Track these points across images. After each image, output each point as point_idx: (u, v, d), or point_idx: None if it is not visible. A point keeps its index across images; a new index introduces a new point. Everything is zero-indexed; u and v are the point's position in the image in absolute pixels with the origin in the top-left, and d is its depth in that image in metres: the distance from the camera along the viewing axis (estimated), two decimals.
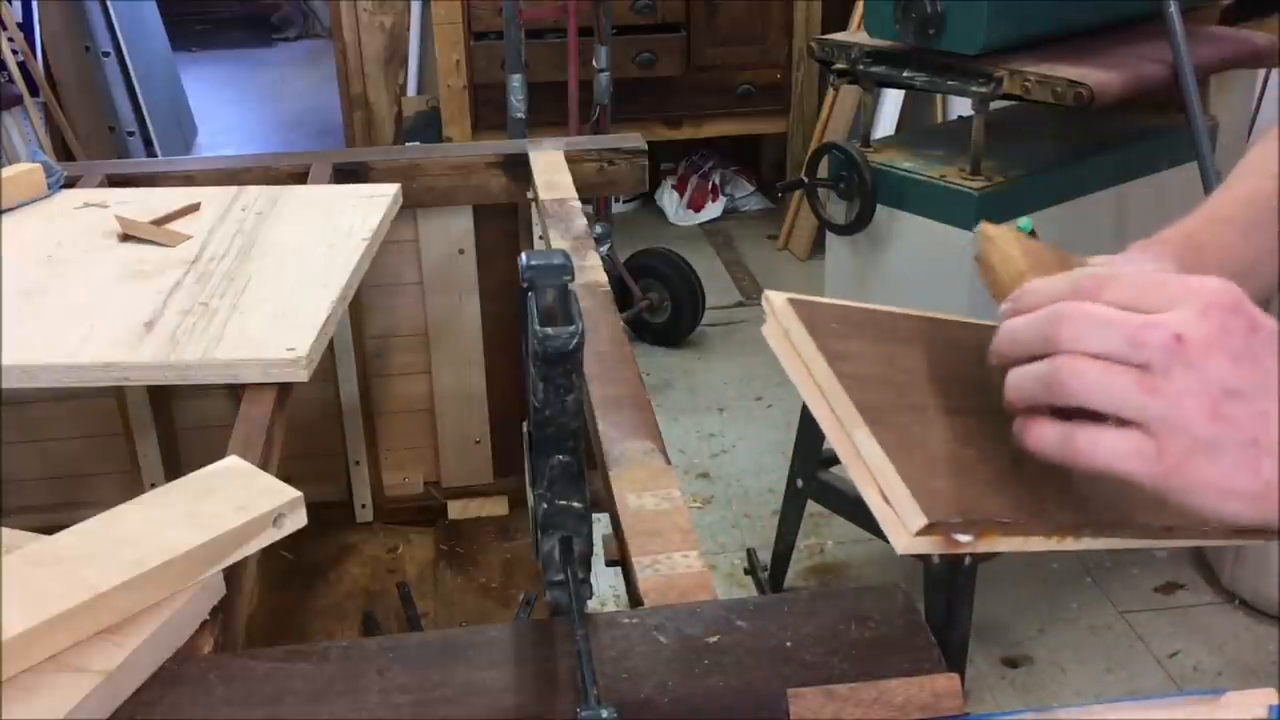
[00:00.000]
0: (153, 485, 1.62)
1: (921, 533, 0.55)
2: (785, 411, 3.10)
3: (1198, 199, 2.16)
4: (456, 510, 1.85)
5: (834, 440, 0.61)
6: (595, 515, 0.72)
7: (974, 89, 1.94)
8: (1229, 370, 0.53)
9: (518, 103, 3.10)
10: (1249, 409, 0.53)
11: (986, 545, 0.57)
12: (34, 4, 3.79)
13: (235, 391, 1.04)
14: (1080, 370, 0.54)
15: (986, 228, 0.68)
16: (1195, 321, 0.53)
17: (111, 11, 4.18)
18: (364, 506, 1.83)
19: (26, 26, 3.77)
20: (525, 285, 0.64)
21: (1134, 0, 2.16)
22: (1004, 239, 0.67)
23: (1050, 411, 0.56)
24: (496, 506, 1.85)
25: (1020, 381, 0.57)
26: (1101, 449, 0.54)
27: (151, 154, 4.41)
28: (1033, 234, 0.70)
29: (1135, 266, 0.72)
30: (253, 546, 0.75)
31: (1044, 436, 0.56)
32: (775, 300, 0.67)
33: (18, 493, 1.62)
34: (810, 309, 0.65)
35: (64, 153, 3.80)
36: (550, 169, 1.57)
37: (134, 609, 0.68)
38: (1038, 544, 0.58)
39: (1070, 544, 0.60)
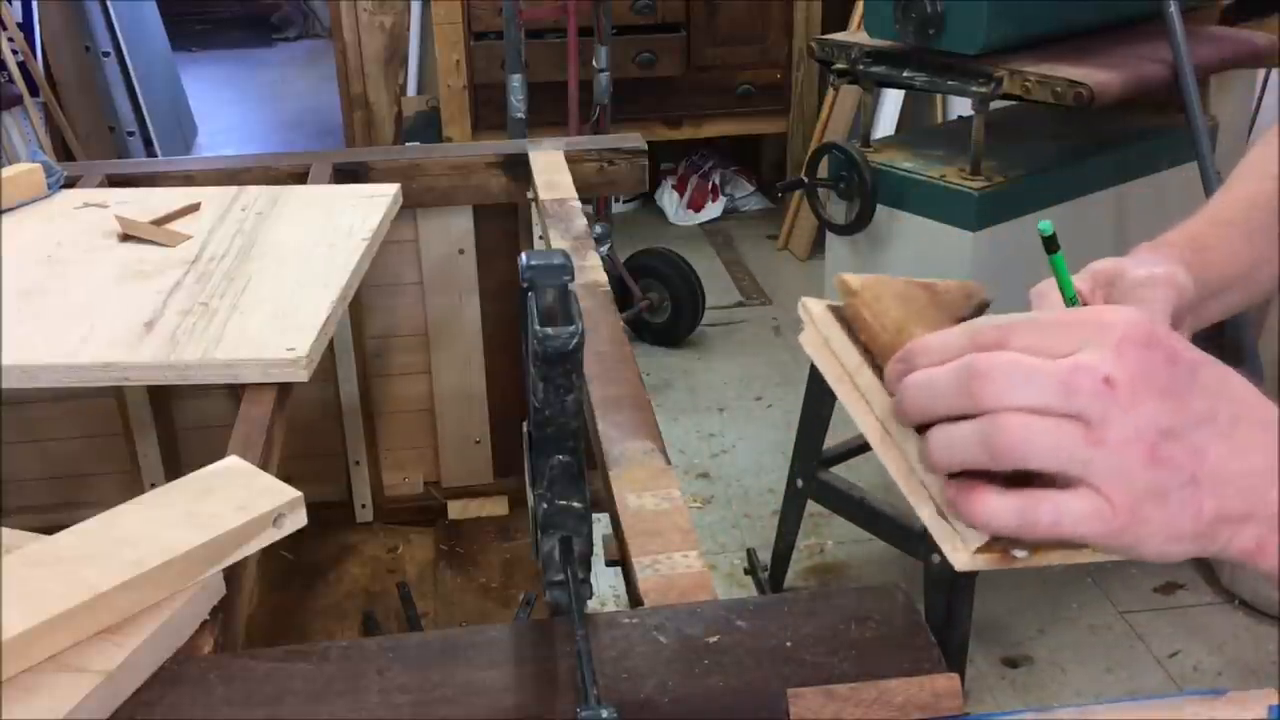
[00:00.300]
0: (153, 485, 1.62)
1: (980, 550, 0.53)
2: (785, 411, 3.10)
3: (1198, 199, 2.17)
4: (456, 510, 1.85)
5: (881, 453, 0.58)
6: (595, 515, 0.72)
7: (974, 89, 1.94)
8: (1159, 409, 0.50)
9: (518, 103, 3.10)
10: (1184, 446, 0.50)
11: (1040, 560, 0.54)
12: (34, 4, 3.79)
13: (235, 391, 1.04)
14: (1020, 429, 0.50)
15: (846, 279, 0.61)
16: (1115, 361, 0.50)
17: (111, 11, 4.18)
18: (364, 506, 1.83)
19: (26, 26, 3.77)
20: (525, 285, 0.64)
21: (1134, 0, 2.16)
22: (871, 289, 0.60)
23: (983, 475, 0.52)
24: (496, 506, 1.85)
25: (949, 444, 0.52)
26: (1065, 518, 0.50)
27: (151, 154, 4.41)
28: (1053, 236, 0.67)
29: (1146, 270, 0.71)
30: (253, 546, 0.75)
31: (996, 511, 0.51)
32: (814, 308, 0.63)
33: (18, 493, 1.62)
34: (857, 305, 0.60)
35: (64, 153, 3.80)
36: (550, 169, 1.57)
37: (134, 609, 0.68)
38: (1087, 555, 0.55)
39: (1118, 555, 0.58)
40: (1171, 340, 0.51)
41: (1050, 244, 0.67)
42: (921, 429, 0.54)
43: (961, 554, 0.53)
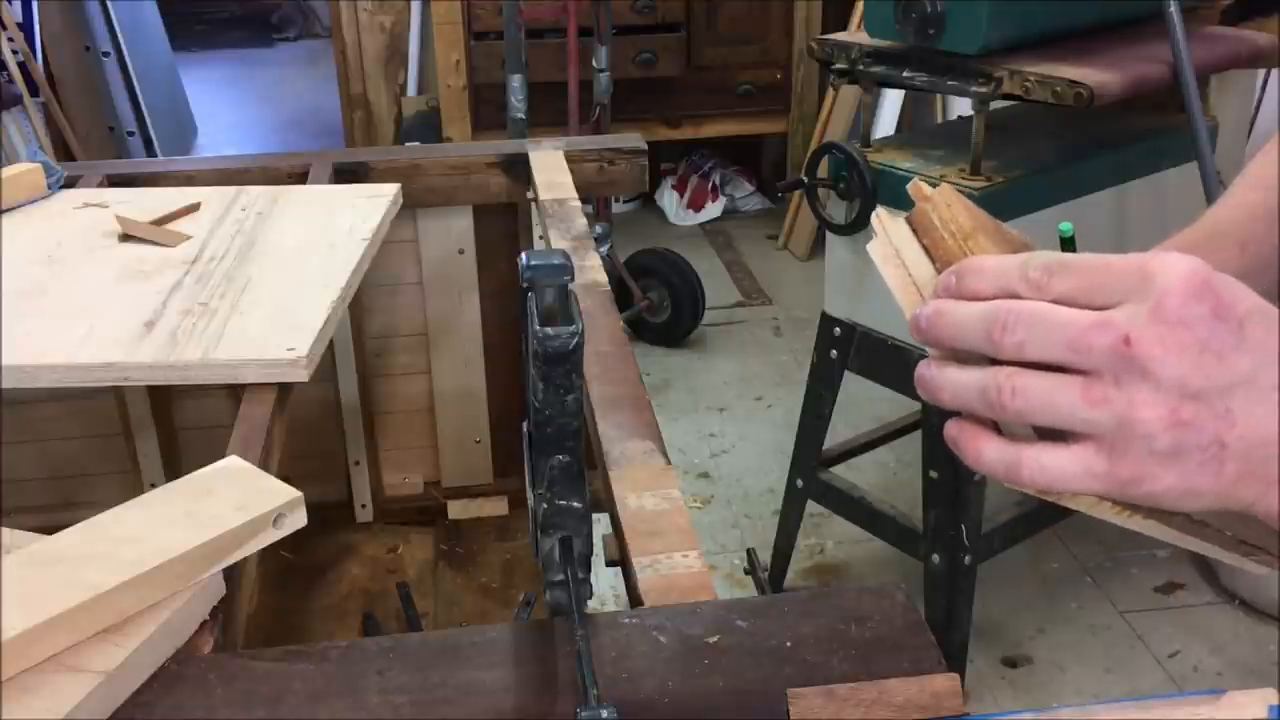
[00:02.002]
0: (153, 485, 1.62)
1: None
2: (785, 411, 3.10)
3: (1198, 199, 2.17)
4: (456, 510, 1.85)
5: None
6: (595, 515, 0.72)
7: (974, 89, 1.94)
8: (1188, 369, 0.49)
9: (518, 103, 3.10)
10: (1211, 409, 0.49)
11: (1070, 501, 0.54)
12: (34, 4, 3.79)
13: (235, 391, 1.04)
14: (1021, 388, 0.50)
15: (921, 185, 0.61)
16: (1148, 317, 0.49)
17: (111, 11, 4.18)
18: (364, 506, 1.83)
19: (26, 26, 3.77)
20: (525, 285, 0.64)
21: (1134, 0, 2.16)
22: (944, 196, 0.61)
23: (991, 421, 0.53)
24: (496, 506, 1.85)
25: (957, 387, 0.53)
26: (1048, 474, 0.51)
27: (151, 154, 4.40)
28: (1072, 238, 0.66)
29: None
30: (253, 546, 0.75)
31: (985, 455, 0.53)
32: (887, 218, 0.62)
33: (18, 493, 1.62)
34: (933, 216, 0.60)
35: (64, 153, 3.80)
36: (550, 169, 1.57)
37: (134, 609, 0.68)
38: (1105, 511, 0.55)
39: (1133, 522, 0.56)
40: (1226, 291, 0.50)
41: (1068, 246, 0.66)
42: None
43: None
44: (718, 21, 4.04)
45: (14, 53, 3.61)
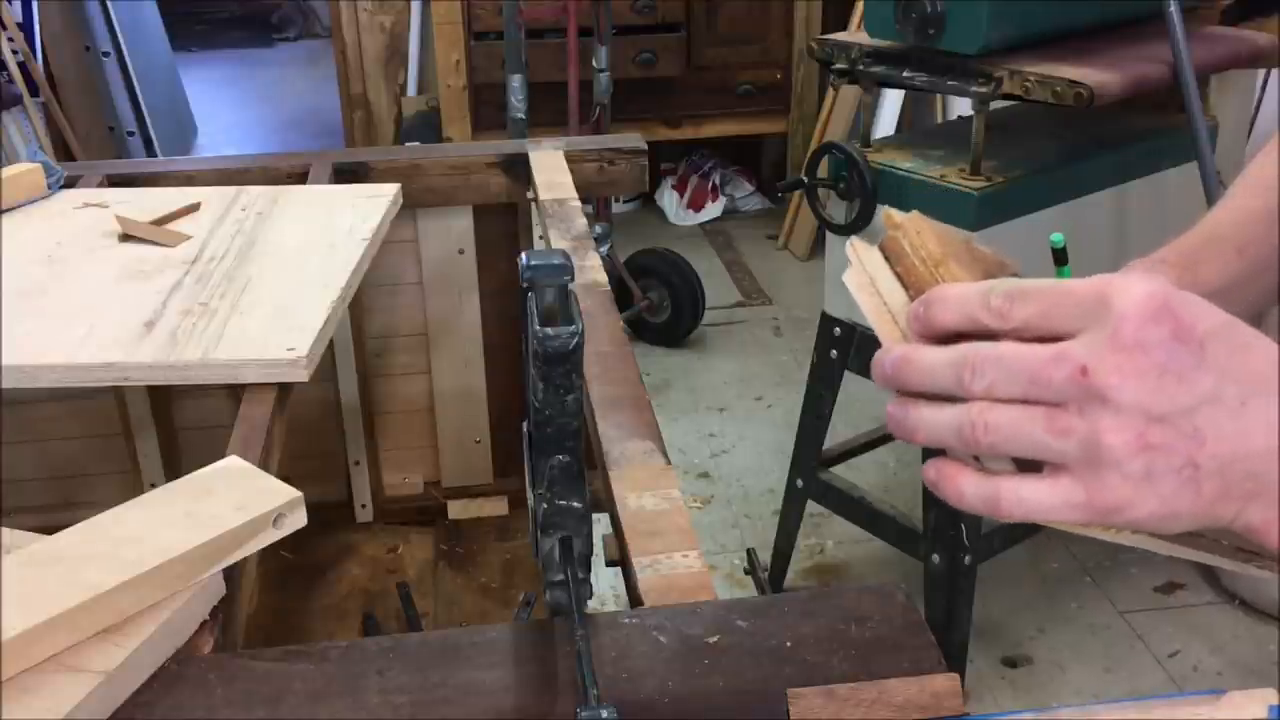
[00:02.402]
0: (153, 485, 1.62)
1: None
2: (785, 411, 3.10)
3: (1198, 199, 2.16)
4: (456, 510, 1.85)
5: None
6: (595, 515, 0.72)
7: (974, 89, 1.94)
8: (1149, 394, 0.49)
9: (518, 103, 3.10)
10: (1179, 430, 0.49)
11: (1057, 524, 0.55)
12: (34, 4, 3.79)
13: (235, 391, 1.04)
14: (991, 423, 0.51)
15: (891, 212, 0.63)
16: (1106, 344, 0.49)
17: (111, 11, 4.18)
18: (364, 506, 1.83)
19: (26, 26, 3.76)
20: (525, 285, 0.64)
21: (1134, 0, 2.16)
22: (914, 223, 0.62)
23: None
24: (496, 506, 1.85)
25: (930, 427, 0.54)
26: (1027, 506, 0.52)
27: (151, 154, 4.40)
28: (1064, 249, 0.66)
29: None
30: (253, 546, 0.75)
31: (965, 492, 0.54)
32: (861, 247, 0.63)
33: (18, 493, 1.62)
34: (906, 244, 0.61)
35: (64, 153, 3.80)
36: (550, 169, 1.57)
37: (134, 609, 0.68)
38: (1095, 530, 0.55)
39: (1123, 537, 0.56)
40: (1185, 311, 0.50)
41: (1060, 256, 0.66)
42: None
43: None
44: (718, 21, 4.04)
45: (14, 53, 3.60)
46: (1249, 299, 0.78)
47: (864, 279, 0.62)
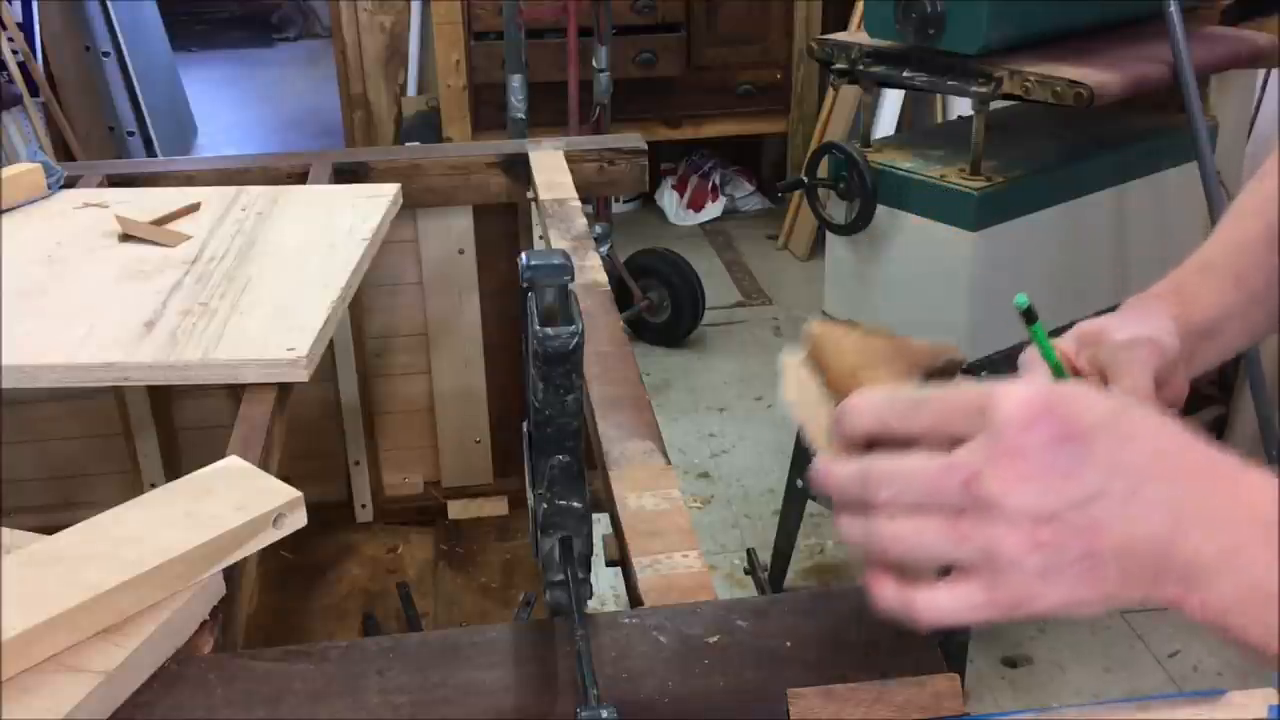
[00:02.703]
0: (153, 485, 1.62)
1: None
2: (785, 411, 3.09)
3: (1198, 199, 2.16)
4: (456, 510, 1.85)
5: None
6: (595, 515, 0.72)
7: (974, 89, 1.94)
8: (1034, 496, 0.51)
9: (518, 103, 3.10)
10: (1071, 526, 0.51)
11: None
12: (34, 4, 3.79)
13: (235, 391, 1.04)
14: (895, 536, 0.54)
15: (810, 327, 0.66)
16: (989, 452, 0.52)
17: (111, 11, 4.18)
18: (364, 506, 1.83)
19: (26, 26, 3.76)
20: (525, 285, 0.64)
21: (1134, 0, 2.16)
22: (830, 335, 0.65)
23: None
24: (496, 506, 1.85)
25: (849, 535, 0.57)
26: (941, 611, 0.54)
27: (151, 154, 4.40)
28: (1030, 309, 0.68)
29: (1128, 332, 0.72)
30: (252, 546, 0.75)
31: (886, 600, 0.56)
32: (789, 362, 0.67)
33: (18, 493, 1.62)
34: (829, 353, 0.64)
35: (64, 153, 3.80)
36: (550, 169, 1.57)
37: (134, 609, 0.68)
38: None
39: None
40: (1067, 409, 0.52)
41: (1029, 316, 0.69)
42: None
43: None
44: (718, 21, 4.04)
45: (14, 53, 3.60)
46: (1248, 328, 0.79)
47: (795, 393, 0.66)
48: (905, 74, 2.07)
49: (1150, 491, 0.51)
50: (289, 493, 0.78)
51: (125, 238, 1.29)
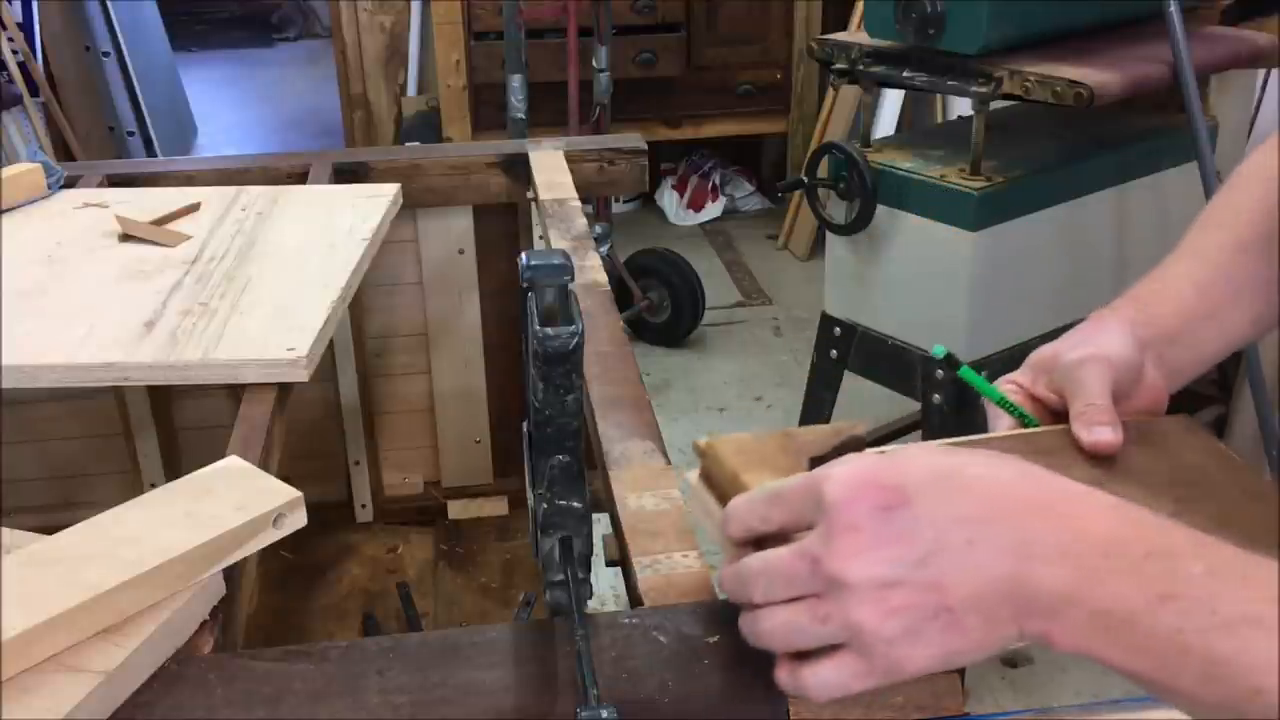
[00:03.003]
0: (153, 485, 1.62)
1: None
2: (785, 411, 3.10)
3: (1198, 199, 2.17)
4: (456, 510, 1.85)
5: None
6: (595, 515, 0.72)
7: (974, 89, 1.94)
8: (875, 566, 0.53)
9: (518, 103, 3.10)
10: (916, 587, 0.52)
11: None
12: (34, 4, 3.79)
13: (235, 391, 1.04)
14: (767, 631, 0.57)
15: (696, 443, 0.70)
16: (826, 533, 0.54)
17: (111, 11, 4.18)
18: (364, 506, 1.83)
19: (26, 26, 3.76)
20: (525, 285, 0.64)
21: (1134, 0, 2.16)
22: (716, 447, 0.68)
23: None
24: (496, 506, 1.85)
25: (745, 633, 0.59)
26: (828, 687, 0.56)
27: (151, 154, 4.40)
28: (948, 358, 0.70)
29: (1079, 351, 0.73)
30: (253, 546, 0.75)
31: (781, 681, 0.58)
32: (692, 478, 0.71)
33: (18, 493, 1.62)
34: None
35: (64, 153, 3.80)
36: (550, 169, 1.57)
37: (134, 609, 0.68)
38: None
39: None
40: (889, 478, 0.54)
41: (950, 363, 0.70)
42: None
43: None
44: (718, 21, 4.04)
45: (14, 53, 3.60)
46: (1223, 333, 0.79)
47: (698, 507, 0.70)
48: (905, 74, 2.07)
49: (988, 537, 0.53)
50: (289, 493, 0.78)
51: (125, 238, 1.29)
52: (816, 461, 0.65)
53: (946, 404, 1.94)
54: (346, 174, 1.58)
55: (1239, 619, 0.49)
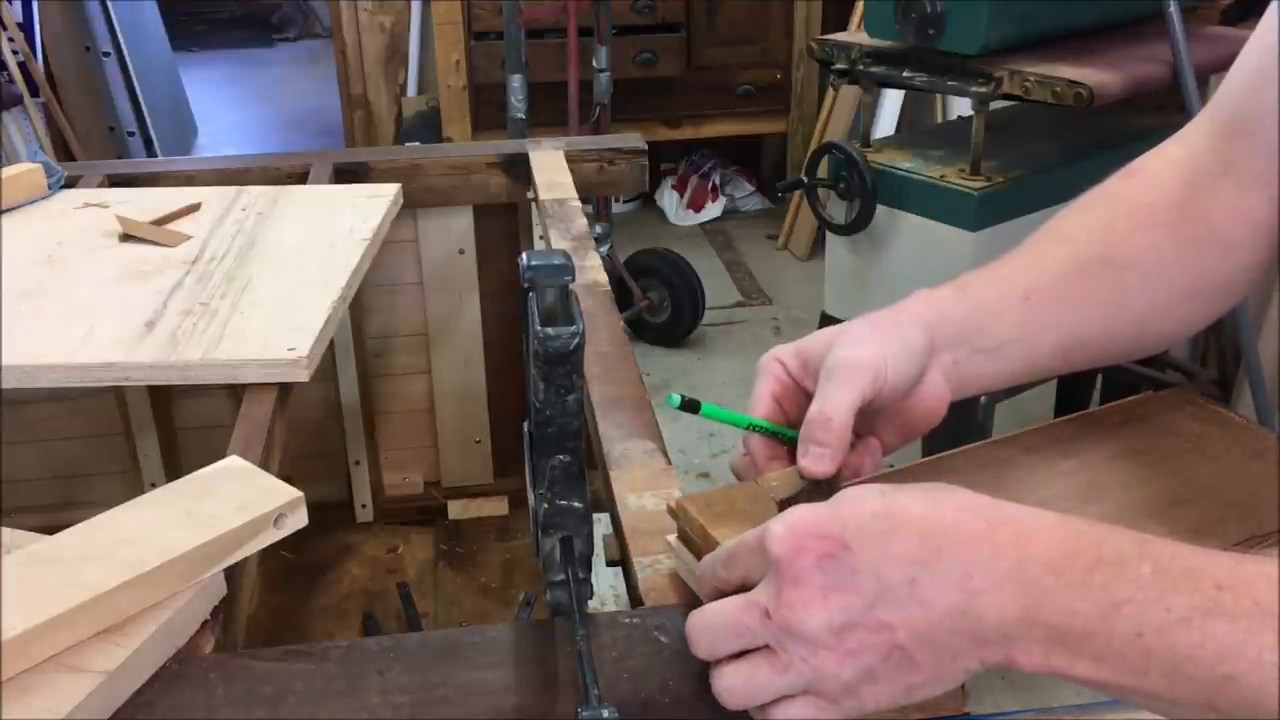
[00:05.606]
0: (153, 485, 1.62)
1: None
2: None
3: None
4: (456, 510, 1.85)
5: None
6: (595, 515, 0.72)
7: (974, 89, 1.94)
8: (824, 614, 0.53)
9: (518, 103, 3.11)
10: (867, 629, 0.53)
11: None
12: (34, 4, 3.79)
13: (235, 391, 1.04)
14: (728, 689, 0.57)
15: (669, 505, 0.72)
16: (774, 586, 0.55)
17: (111, 11, 4.18)
18: (364, 506, 1.83)
19: (26, 26, 3.76)
20: (526, 285, 0.64)
21: (1134, 0, 2.16)
22: (687, 506, 0.70)
23: None
24: (496, 506, 1.85)
25: (714, 689, 0.60)
26: None
27: (151, 154, 4.40)
28: (684, 404, 0.72)
29: (841, 352, 0.71)
30: (253, 546, 0.75)
31: None
32: (672, 540, 0.73)
33: (18, 493, 1.62)
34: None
35: (64, 153, 3.80)
36: (550, 169, 1.57)
37: (134, 609, 0.68)
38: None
39: None
40: (826, 528, 0.54)
41: (690, 407, 0.72)
42: None
43: None
44: (718, 21, 4.04)
45: (14, 53, 3.60)
46: (1027, 352, 0.77)
47: (682, 566, 0.72)
48: (905, 74, 2.07)
49: (930, 576, 0.53)
50: (290, 493, 0.78)
51: (125, 238, 1.29)
52: (786, 504, 0.67)
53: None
54: (347, 174, 1.58)
55: (1193, 611, 0.49)
